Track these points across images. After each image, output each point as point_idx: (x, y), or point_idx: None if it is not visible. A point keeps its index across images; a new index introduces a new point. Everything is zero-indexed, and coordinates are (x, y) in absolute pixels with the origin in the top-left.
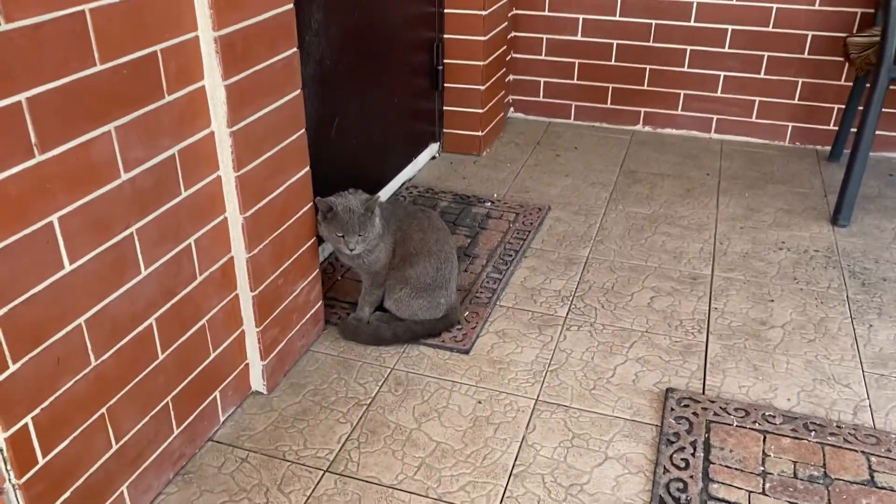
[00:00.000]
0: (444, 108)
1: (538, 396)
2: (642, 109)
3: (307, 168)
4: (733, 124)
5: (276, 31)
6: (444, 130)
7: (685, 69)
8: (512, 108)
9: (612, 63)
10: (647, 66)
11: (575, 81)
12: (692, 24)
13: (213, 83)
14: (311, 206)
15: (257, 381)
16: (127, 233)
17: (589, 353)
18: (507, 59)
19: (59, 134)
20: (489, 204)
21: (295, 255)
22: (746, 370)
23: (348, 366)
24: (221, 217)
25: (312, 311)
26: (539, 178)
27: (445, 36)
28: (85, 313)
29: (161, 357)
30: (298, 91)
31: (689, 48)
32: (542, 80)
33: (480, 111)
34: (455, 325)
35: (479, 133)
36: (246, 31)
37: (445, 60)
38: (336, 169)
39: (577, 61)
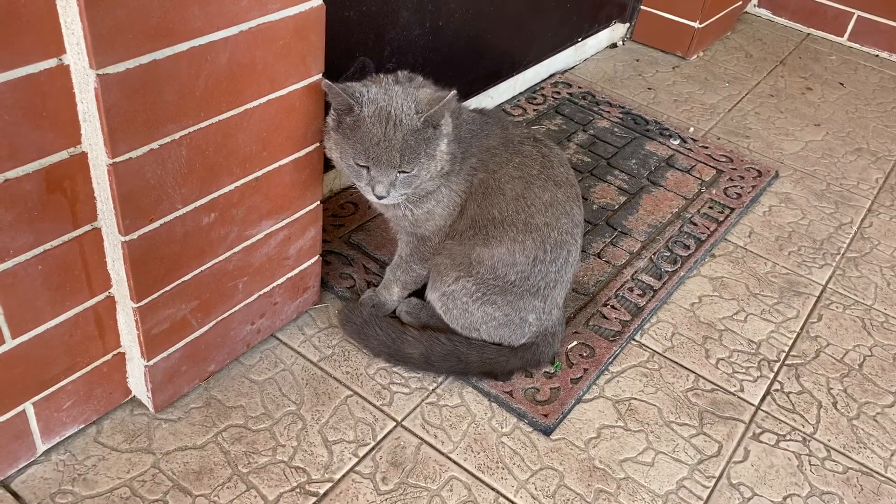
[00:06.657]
0: None
1: None
2: None
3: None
4: None
5: None
6: (642, 7)
7: None
8: (755, 0)
9: None
10: None
11: None
12: None
13: None
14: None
15: (138, 386)
16: None
17: None
18: None
19: None
20: (677, 142)
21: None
22: None
23: (322, 393)
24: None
25: (294, 273)
26: (771, 119)
27: None
28: None
29: None
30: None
31: None
32: None
33: None
34: (543, 364)
35: (696, 24)
36: None
37: None
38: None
39: None
